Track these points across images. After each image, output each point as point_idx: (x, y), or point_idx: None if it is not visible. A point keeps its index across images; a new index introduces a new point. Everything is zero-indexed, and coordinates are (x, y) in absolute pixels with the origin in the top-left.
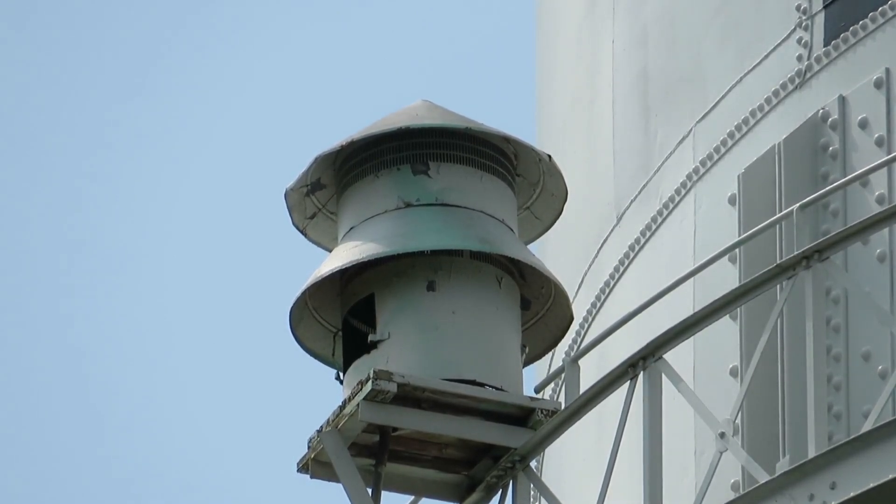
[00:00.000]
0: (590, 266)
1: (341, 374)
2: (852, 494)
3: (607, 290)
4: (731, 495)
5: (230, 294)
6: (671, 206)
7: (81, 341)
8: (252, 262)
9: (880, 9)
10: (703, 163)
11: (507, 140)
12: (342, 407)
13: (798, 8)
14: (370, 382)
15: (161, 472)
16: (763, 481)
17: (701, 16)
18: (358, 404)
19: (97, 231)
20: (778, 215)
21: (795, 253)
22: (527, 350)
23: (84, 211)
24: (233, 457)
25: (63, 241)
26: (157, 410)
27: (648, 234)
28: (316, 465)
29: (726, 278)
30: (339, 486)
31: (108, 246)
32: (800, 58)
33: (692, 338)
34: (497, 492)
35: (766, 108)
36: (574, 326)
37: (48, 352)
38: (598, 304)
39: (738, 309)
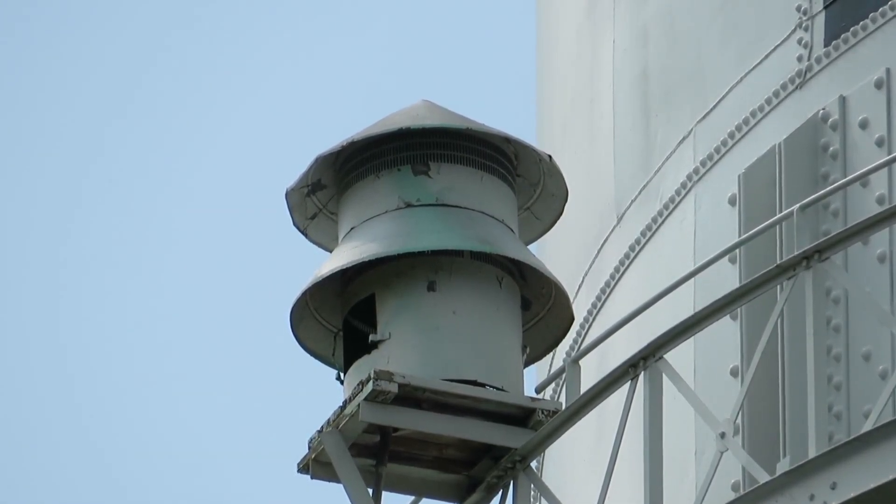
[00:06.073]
0: (590, 266)
1: (342, 375)
2: (853, 495)
3: (608, 291)
4: (732, 495)
5: (231, 294)
6: (671, 206)
7: (82, 341)
8: (253, 263)
9: (880, 9)
10: (703, 163)
11: (508, 140)
12: (343, 407)
13: (798, 8)
14: (371, 383)
15: (162, 472)
16: (763, 481)
17: (701, 16)
18: (359, 405)
19: (99, 232)
20: (778, 216)
21: (796, 253)
22: (528, 351)
23: (86, 212)
24: (233, 457)
25: (64, 243)
26: (157, 410)
27: (649, 234)
28: (316, 465)
29: (726, 278)
30: (340, 486)
31: (109, 247)
32: (800, 58)
33: (693, 338)
34: (497, 492)
35: (767, 108)
36: (574, 327)
37: (47, 352)
38: (599, 305)
39: (739, 309)
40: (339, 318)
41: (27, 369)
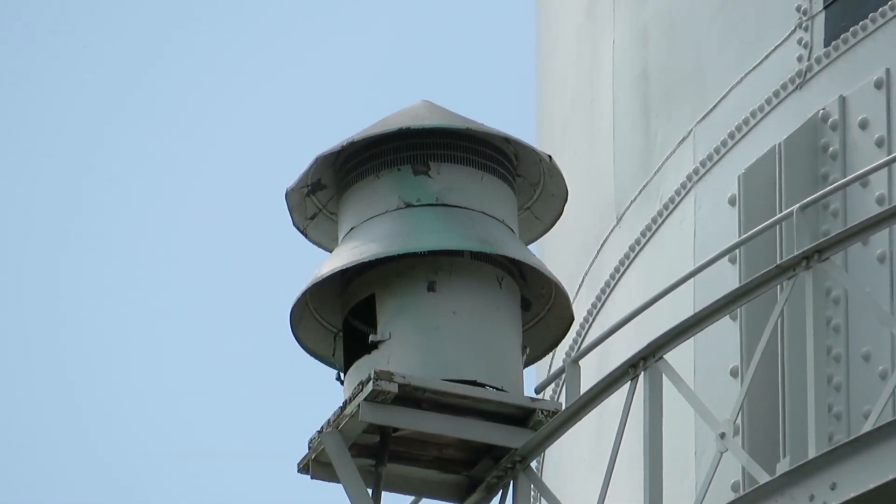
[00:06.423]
0: (590, 267)
1: (342, 375)
2: (852, 495)
3: (608, 291)
4: (732, 496)
5: (231, 294)
6: (671, 206)
7: (82, 341)
8: (253, 263)
9: (880, 9)
10: (703, 163)
11: (508, 140)
12: (343, 407)
13: (798, 8)
14: (371, 383)
15: (162, 472)
16: (763, 482)
17: (701, 16)
18: (359, 405)
19: (99, 232)
20: (778, 216)
21: (796, 253)
22: (528, 351)
23: (86, 212)
24: (233, 457)
25: (65, 243)
26: (157, 411)
27: (649, 234)
28: (316, 465)
29: (726, 279)
30: (340, 486)
31: (109, 247)
32: (800, 58)
33: (693, 338)
34: (497, 492)
35: (767, 108)
36: (574, 327)
37: (47, 352)
38: (599, 305)
39: (739, 309)
40: (339, 318)
41: (27, 370)
